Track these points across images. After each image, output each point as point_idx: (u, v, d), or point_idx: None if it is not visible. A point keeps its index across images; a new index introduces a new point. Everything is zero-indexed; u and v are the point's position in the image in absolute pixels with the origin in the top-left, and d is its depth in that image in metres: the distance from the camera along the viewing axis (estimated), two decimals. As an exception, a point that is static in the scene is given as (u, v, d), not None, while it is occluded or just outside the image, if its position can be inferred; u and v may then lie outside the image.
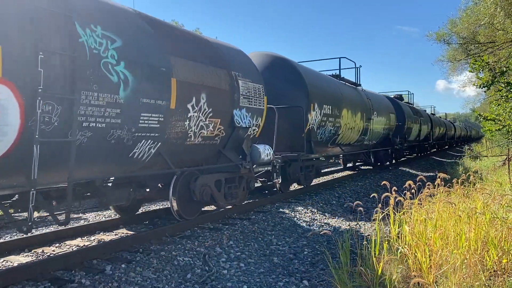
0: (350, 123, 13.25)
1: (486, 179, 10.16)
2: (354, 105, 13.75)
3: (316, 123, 10.95)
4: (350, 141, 14.10)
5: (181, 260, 5.45)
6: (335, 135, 12.45)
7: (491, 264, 4.14)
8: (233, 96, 7.45)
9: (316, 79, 11.76)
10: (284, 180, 10.26)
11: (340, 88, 13.06)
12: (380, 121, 16.68)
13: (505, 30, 17.09)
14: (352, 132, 13.70)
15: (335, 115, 12.07)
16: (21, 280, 4.41)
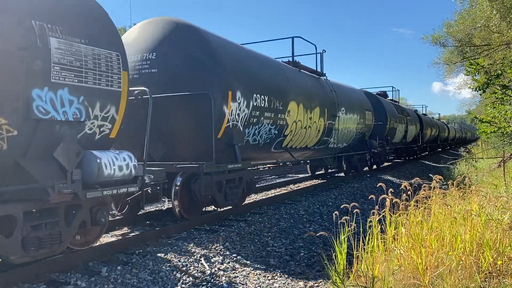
0: (303, 121, 10.27)
1: (482, 181, 10.21)
2: (310, 97, 10.64)
3: (241, 120, 7.85)
4: (307, 144, 11.15)
5: (177, 261, 5.44)
6: (279, 137, 9.40)
7: (486, 266, 4.16)
8: (32, 64, 4.23)
9: (242, 58, 8.40)
10: (189, 201, 7.20)
11: (287, 75, 9.84)
12: (351, 119, 13.72)
13: (500, 32, 17.19)
14: (308, 132, 10.70)
15: (277, 110, 8.94)
16: (16, 282, 4.39)
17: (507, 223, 4.72)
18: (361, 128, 14.84)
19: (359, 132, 14.73)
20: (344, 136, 13.49)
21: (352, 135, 14.18)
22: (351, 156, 14.70)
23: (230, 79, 7.50)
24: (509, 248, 4.29)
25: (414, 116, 25.21)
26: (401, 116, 20.79)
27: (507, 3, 15.13)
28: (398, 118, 19.87)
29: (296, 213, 8.92)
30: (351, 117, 13.72)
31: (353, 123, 14.04)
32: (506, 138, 16.45)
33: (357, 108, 14.41)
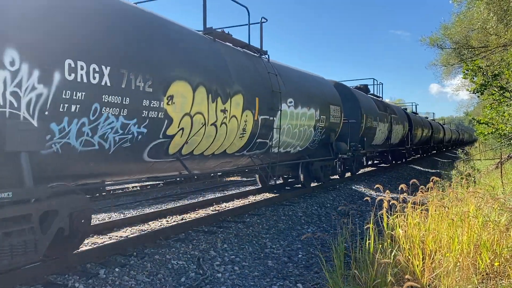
0: (207, 115, 6.67)
1: (479, 182, 10.23)
2: (224, 79, 7.10)
3: (31, 105, 4.25)
4: (226, 149, 7.60)
5: (175, 263, 5.45)
6: (156, 138, 5.88)
7: (484, 267, 4.17)
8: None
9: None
10: None
11: (172, 38, 6.33)
12: (306, 115, 10.21)
13: (498, 34, 17.25)
14: (222, 132, 7.12)
15: (140, 93, 5.39)
16: (14, 284, 4.38)
17: (504, 225, 4.73)
18: (322, 128, 11.24)
19: (320, 132, 11.22)
20: (295, 137, 9.96)
21: (308, 136, 10.66)
22: (310, 164, 11.40)
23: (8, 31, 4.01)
24: (506, 249, 4.30)
25: (402, 115, 22.09)
26: (383, 114, 17.71)
27: (504, 5, 15.19)
28: (378, 115, 16.80)
29: (294, 215, 8.92)
30: (305, 113, 10.11)
31: (309, 120, 10.42)
32: (504, 140, 16.49)
33: (316, 101, 10.79)
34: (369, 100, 16.64)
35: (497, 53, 18.54)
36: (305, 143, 10.76)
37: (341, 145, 12.59)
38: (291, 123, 9.52)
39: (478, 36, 19.75)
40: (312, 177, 11.79)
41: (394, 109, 20.92)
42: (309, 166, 11.46)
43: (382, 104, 18.74)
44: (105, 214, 8.81)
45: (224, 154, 7.70)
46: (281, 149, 9.52)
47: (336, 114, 12.19)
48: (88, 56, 4.71)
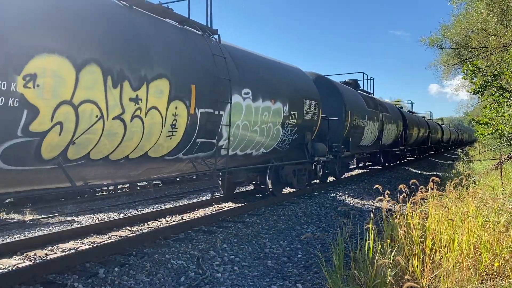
0: (104, 105, 4.86)
1: (479, 183, 10.24)
2: (142, 59, 5.38)
3: None
4: (146, 150, 5.74)
5: (174, 263, 5.44)
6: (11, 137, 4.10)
7: (483, 268, 4.17)
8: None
9: None
10: None
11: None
12: (270, 110, 8.38)
13: (497, 35, 17.26)
14: (132, 128, 5.30)
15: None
16: (13, 284, 4.38)
17: (504, 225, 4.73)
18: (294, 125, 9.49)
19: (291, 131, 9.48)
20: (256, 137, 8.19)
21: (275, 135, 8.86)
22: (280, 168, 9.74)
23: None
24: (506, 250, 4.30)
25: (395, 113, 20.25)
26: (374, 112, 16.10)
27: (503, 6, 15.20)
28: (367, 113, 15.17)
29: (294, 215, 8.92)
30: (268, 107, 8.29)
31: (275, 116, 8.62)
32: (503, 140, 16.49)
33: (285, 94, 9.02)
34: (356, 96, 14.86)
35: (497, 54, 18.54)
36: (272, 144, 8.94)
37: (318, 146, 10.86)
38: (248, 119, 7.72)
39: (478, 36, 19.76)
40: (283, 183, 10.07)
41: (386, 107, 19.06)
42: (279, 171, 9.76)
43: (372, 101, 16.96)
44: (104, 214, 8.81)
45: (145, 158, 5.75)
46: (238, 151, 7.87)
47: (313, 110, 10.30)
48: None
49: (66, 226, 7.62)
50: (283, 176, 9.91)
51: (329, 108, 12.38)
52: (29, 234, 6.86)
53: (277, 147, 9.23)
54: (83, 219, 8.32)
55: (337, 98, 13.04)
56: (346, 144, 13.40)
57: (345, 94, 13.42)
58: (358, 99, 14.85)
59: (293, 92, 9.47)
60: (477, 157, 23.51)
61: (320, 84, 12.28)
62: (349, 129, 13.45)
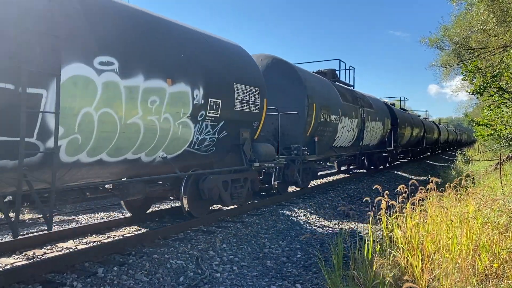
0: None
1: (478, 184, 10.24)
2: None
3: None
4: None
5: (173, 263, 5.44)
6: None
7: (483, 268, 4.17)
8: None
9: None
10: None
11: None
12: (160, 94, 5.75)
13: (497, 36, 17.27)
14: None
15: None
16: (12, 282, 4.37)
17: (503, 226, 4.74)
18: (217, 120, 6.99)
19: (213, 127, 6.97)
20: (139, 137, 5.60)
21: (184, 133, 6.38)
22: (202, 179, 7.22)
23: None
24: (505, 250, 4.30)
25: (381, 110, 17.77)
26: (351, 107, 13.64)
27: (503, 7, 15.21)
28: (342, 108, 12.72)
29: (293, 215, 8.91)
30: (160, 89, 5.76)
31: (174, 105, 6.04)
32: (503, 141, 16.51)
33: (202, 73, 6.59)
34: (326, 87, 12.20)
35: (497, 54, 18.56)
36: (179, 145, 6.35)
37: (261, 148, 8.30)
38: (111, 105, 5.06)
39: (478, 37, 19.78)
40: (208, 199, 7.28)
41: (370, 101, 16.37)
42: (199, 183, 7.18)
43: (350, 94, 14.36)
44: (104, 213, 8.80)
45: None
46: (102, 157, 5.21)
47: (251, 99, 7.77)
48: None
49: (65, 225, 7.62)
50: (205, 190, 7.12)
51: (288, 99, 10.27)
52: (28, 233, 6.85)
53: (191, 149, 6.63)
54: (82, 218, 8.31)
55: (298, 87, 10.43)
56: (310, 146, 10.96)
57: (308, 83, 10.81)
58: (329, 90, 12.22)
59: (214, 72, 6.86)
60: (477, 157, 23.50)
61: (277, 70, 10.48)
62: (315, 126, 10.91)
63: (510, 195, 6.75)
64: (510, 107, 11.75)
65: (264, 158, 8.34)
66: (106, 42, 5.01)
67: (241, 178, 8.16)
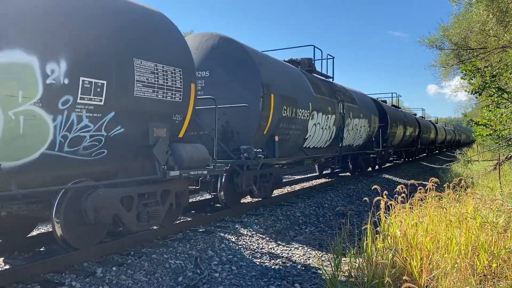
0: None
1: (477, 184, 10.25)
2: None
3: None
4: None
5: (172, 263, 5.43)
6: None
7: (481, 269, 4.17)
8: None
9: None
10: None
11: None
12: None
13: (497, 36, 17.29)
14: None
15: None
16: (11, 282, 4.36)
17: (502, 226, 4.74)
18: (102, 110, 4.99)
19: (95, 119, 4.95)
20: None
21: (41, 130, 4.41)
22: (85, 197, 5.05)
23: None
24: (504, 251, 4.31)
25: (367, 105, 16.07)
26: (326, 100, 11.64)
27: (503, 7, 15.23)
28: (313, 101, 10.70)
29: (292, 215, 8.92)
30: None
31: (10, 85, 4.06)
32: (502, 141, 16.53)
33: (66, 40, 4.54)
34: (292, 75, 10.29)
35: (496, 55, 18.58)
36: (28, 150, 4.40)
37: (183, 152, 6.16)
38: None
39: (477, 37, 19.81)
40: (95, 223, 5.16)
41: (352, 96, 14.47)
42: (82, 201, 5.05)
43: (327, 86, 12.39)
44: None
45: None
46: None
47: (169, 83, 5.84)
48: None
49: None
50: (89, 211, 5.02)
51: (237, 89, 8.40)
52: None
53: (55, 153, 4.64)
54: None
55: (250, 73, 8.43)
56: (269, 147, 9.11)
57: (265, 69, 8.74)
58: (296, 80, 10.29)
59: (92, 38, 4.85)
60: (476, 157, 23.52)
61: (225, 52, 8.60)
62: (274, 123, 8.90)
63: (509, 195, 6.75)
64: (509, 107, 11.77)
65: (189, 163, 6.23)
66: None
67: (158, 191, 5.98)
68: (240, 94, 8.41)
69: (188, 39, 8.57)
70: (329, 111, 11.79)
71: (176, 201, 6.41)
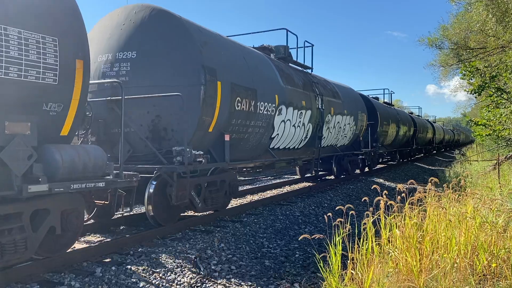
0: None
1: (477, 184, 10.26)
2: None
3: None
4: None
5: (172, 262, 5.43)
6: None
7: (481, 268, 4.17)
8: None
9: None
10: None
11: None
12: None
13: (496, 36, 17.29)
14: None
15: None
16: (10, 282, 4.35)
17: (502, 226, 4.74)
18: None
19: None
20: None
21: None
22: None
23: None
24: (503, 250, 4.31)
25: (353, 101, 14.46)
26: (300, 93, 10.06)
27: (502, 7, 15.23)
28: (281, 94, 9.08)
29: (292, 214, 8.91)
30: None
31: None
32: (501, 141, 16.55)
33: None
34: (252, 60, 8.61)
35: (495, 55, 18.58)
36: None
37: (58, 156, 4.46)
38: None
39: (477, 37, 19.81)
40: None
41: (334, 90, 12.85)
42: None
43: (302, 76, 10.82)
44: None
45: None
46: None
47: (36, 57, 4.27)
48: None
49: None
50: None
51: (171, 73, 6.73)
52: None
53: None
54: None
55: (188, 53, 6.81)
56: (217, 148, 7.45)
57: (209, 49, 7.19)
58: (258, 68, 8.59)
59: None
60: (475, 157, 23.52)
61: (158, 27, 6.91)
62: (224, 117, 7.27)
63: (508, 195, 6.76)
64: (509, 107, 11.78)
65: (70, 173, 4.57)
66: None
67: (20, 214, 4.28)
68: (174, 80, 6.67)
69: (114, 12, 7.29)
70: (303, 105, 10.08)
71: (63, 225, 4.70)
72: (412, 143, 25.09)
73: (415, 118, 27.18)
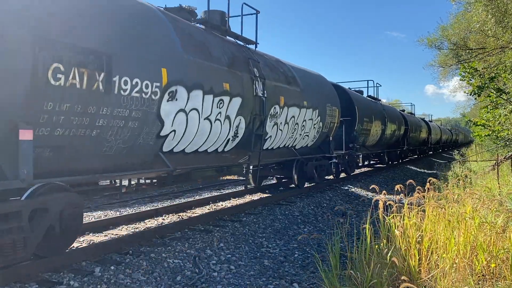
0: None
1: (476, 184, 10.26)
2: None
3: None
4: None
5: (171, 262, 5.43)
6: None
7: (480, 269, 4.18)
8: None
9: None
10: None
11: None
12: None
13: (495, 36, 17.30)
14: None
15: None
16: (8, 281, 4.35)
17: (501, 226, 4.74)
18: None
19: None
20: None
21: None
22: None
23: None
24: (502, 251, 4.31)
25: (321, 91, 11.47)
26: (225, 72, 7.18)
27: (502, 8, 15.24)
28: (175, 66, 5.86)
29: (291, 214, 8.91)
30: None
31: None
32: (500, 142, 16.55)
33: None
34: (116, 15, 5.21)
35: (495, 55, 18.59)
36: None
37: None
38: None
39: (476, 38, 19.82)
40: None
41: (291, 74, 10.00)
42: None
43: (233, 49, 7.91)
44: (101, 212, 8.78)
45: None
46: None
47: None
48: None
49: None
50: None
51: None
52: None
53: None
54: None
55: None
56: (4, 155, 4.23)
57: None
58: (116, 14, 5.22)
59: None
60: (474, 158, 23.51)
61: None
62: (17, 97, 4.00)
63: (507, 196, 6.76)
64: (508, 108, 11.78)
65: None
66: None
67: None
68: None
69: None
70: (226, 90, 7.09)
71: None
72: (403, 143, 22.34)
73: (407, 116, 24.41)
